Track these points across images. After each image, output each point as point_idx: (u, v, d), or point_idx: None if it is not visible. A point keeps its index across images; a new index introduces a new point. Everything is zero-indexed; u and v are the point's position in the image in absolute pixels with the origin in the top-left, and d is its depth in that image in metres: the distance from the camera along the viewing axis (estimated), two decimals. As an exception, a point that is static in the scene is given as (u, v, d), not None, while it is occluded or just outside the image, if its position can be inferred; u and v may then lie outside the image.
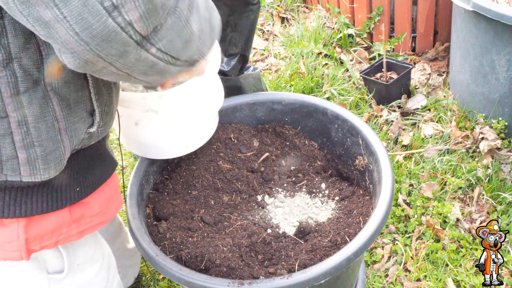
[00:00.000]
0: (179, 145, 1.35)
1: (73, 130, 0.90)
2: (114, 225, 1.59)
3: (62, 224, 0.97)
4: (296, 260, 1.18)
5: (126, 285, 1.73)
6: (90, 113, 0.94)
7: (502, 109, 2.14)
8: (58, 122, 0.87)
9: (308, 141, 1.58)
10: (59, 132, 0.88)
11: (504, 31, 1.92)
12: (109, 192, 1.09)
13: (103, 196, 1.06)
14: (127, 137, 1.35)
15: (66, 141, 0.90)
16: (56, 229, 0.97)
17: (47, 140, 0.86)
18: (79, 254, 1.08)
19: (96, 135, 0.99)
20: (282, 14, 3.40)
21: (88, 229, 1.03)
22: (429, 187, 2.00)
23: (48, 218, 0.95)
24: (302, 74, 2.78)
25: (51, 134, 0.87)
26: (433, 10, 2.67)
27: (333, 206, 1.39)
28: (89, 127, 0.95)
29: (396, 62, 2.49)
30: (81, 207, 1.01)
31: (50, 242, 0.97)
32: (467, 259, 1.74)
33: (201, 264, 1.18)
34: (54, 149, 0.88)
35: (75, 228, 1.00)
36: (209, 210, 1.36)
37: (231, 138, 1.53)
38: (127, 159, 2.43)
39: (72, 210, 0.99)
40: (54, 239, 0.97)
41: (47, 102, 0.84)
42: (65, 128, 0.88)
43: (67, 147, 0.91)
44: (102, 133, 1.01)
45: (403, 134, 2.29)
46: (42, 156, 0.87)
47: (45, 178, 0.89)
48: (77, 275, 1.08)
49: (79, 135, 0.92)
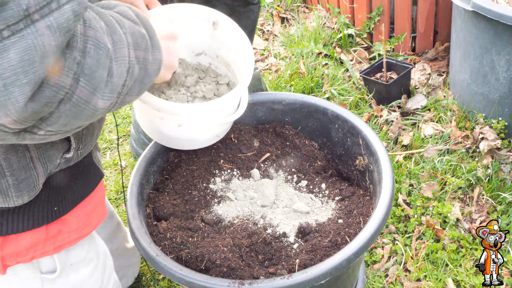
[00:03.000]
0: (213, 137, 1.39)
1: (46, 157, 0.88)
2: (113, 224, 1.58)
3: (38, 241, 0.96)
4: (296, 260, 1.18)
5: (126, 285, 1.73)
6: (65, 139, 0.91)
7: (502, 109, 2.14)
8: (29, 152, 0.85)
9: (308, 141, 1.58)
10: (31, 160, 0.86)
11: (504, 31, 1.92)
12: (90, 206, 1.06)
13: (83, 211, 1.04)
14: (159, 132, 1.34)
15: (40, 168, 0.88)
16: (32, 246, 0.96)
17: (18, 169, 0.84)
18: (72, 255, 1.07)
19: (76, 158, 0.96)
20: (282, 14, 3.40)
21: (66, 244, 1.01)
22: (429, 187, 2.00)
23: (24, 236, 0.94)
24: (302, 74, 2.78)
25: (23, 163, 0.84)
26: (433, 10, 2.67)
27: (333, 206, 1.39)
28: (65, 153, 0.92)
29: (396, 62, 2.49)
30: (58, 224, 0.99)
31: (25, 257, 0.96)
32: (467, 259, 1.74)
33: (201, 264, 1.18)
34: (27, 177, 0.86)
35: (52, 244, 0.99)
36: (209, 210, 1.36)
37: (231, 138, 1.53)
38: (127, 159, 2.43)
39: (48, 228, 0.97)
40: (30, 255, 0.96)
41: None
42: (37, 156, 0.86)
43: (41, 174, 0.89)
44: (82, 155, 0.98)
45: (403, 134, 2.29)
46: (14, 185, 0.85)
47: (18, 204, 0.88)
48: (71, 274, 1.08)
49: (53, 161, 0.90)
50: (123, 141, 2.59)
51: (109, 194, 2.27)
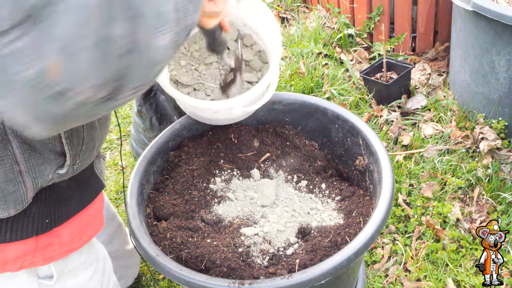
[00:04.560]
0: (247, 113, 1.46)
1: (37, 172, 0.86)
2: (113, 226, 1.58)
3: (27, 252, 0.94)
4: (296, 260, 1.18)
5: (125, 286, 1.73)
6: (59, 154, 0.89)
7: (502, 109, 2.14)
8: (18, 165, 0.83)
9: (308, 141, 1.58)
10: (20, 174, 0.84)
11: (504, 31, 1.92)
12: (86, 218, 1.03)
13: (77, 224, 1.01)
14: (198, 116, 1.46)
15: (29, 182, 0.86)
16: (20, 256, 0.94)
17: (5, 182, 0.83)
18: (70, 261, 1.05)
19: (71, 172, 0.94)
20: (282, 14, 3.40)
21: (55, 256, 0.99)
22: (429, 187, 2.00)
23: (12, 246, 0.92)
24: (302, 74, 2.78)
25: (10, 177, 0.83)
26: (433, 10, 2.67)
27: (333, 206, 1.39)
28: (58, 169, 0.90)
29: (396, 62, 2.49)
30: (49, 236, 0.96)
31: (13, 267, 0.94)
32: (467, 259, 1.74)
33: (201, 264, 1.18)
34: (14, 191, 0.84)
35: (40, 255, 0.96)
36: (209, 210, 1.36)
37: (231, 138, 1.53)
38: (127, 159, 2.43)
39: (38, 239, 0.95)
40: (18, 264, 0.95)
41: (5, 146, 0.80)
42: (26, 170, 0.84)
43: (30, 188, 0.87)
44: (78, 169, 0.95)
45: (403, 134, 2.29)
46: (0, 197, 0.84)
47: (4, 216, 0.87)
48: (69, 280, 1.06)
49: (44, 176, 0.88)
50: (123, 141, 2.59)
51: (109, 194, 2.27)
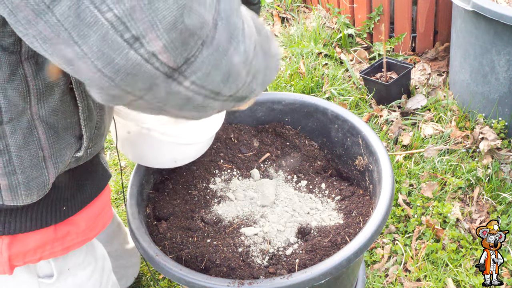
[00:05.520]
0: (167, 160, 1.31)
1: (58, 157, 0.88)
2: (113, 226, 1.58)
3: (46, 241, 0.96)
4: (296, 260, 1.18)
5: (125, 285, 1.73)
6: (78, 138, 0.91)
7: (502, 109, 2.14)
8: (42, 151, 0.84)
9: (308, 141, 1.58)
10: (43, 159, 0.86)
11: (504, 31, 1.92)
12: (99, 207, 1.06)
13: (91, 212, 1.03)
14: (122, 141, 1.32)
15: (51, 167, 0.88)
16: (40, 246, 0.95)
17: (30, 167, 0.84)
18: (69, 260, 1.06)
19: (85, 157, 0.96)
20: (282, 14, 3.40)
21: (73, 245, 1.01)
22: (429, 187, 2.00)
23: (32, 236, 0.93)
24: (302, 74, 2.78)
25: (34, 162, 0.84)
26: (433, 10, 2.67)
27: (333, 206, 1.39)
28: (76, 152, 0.92)
29: (396, 62, 2.49)
30: (67, 225, 0.98)
31: (33, 258, 0.96)
32: (467, 259, 1.74)
33: (201, 264, 1.18)
34: (37, 176, 0.86)
35: (60, 245, 0.98)
36: (209, 210, 1.36)
37: (231, 138, 1.53)
38: (127, 159, 2.43)
39: (57, 228, 0.97)
40: (38, 255, 0.96)
41: (31, 132, 0.82)
42: (50, 156, 0.86)
43: (52, 173, 0.88)
44: (91, 154, 0.98)
45: (403, 134, 2.29)
46: (24, 183, 0.85)
47: (27, 202, 0.88)
48: (68, 278, 1.07)
49: (65, 161, 0.90)
50: (123, 141, 2.58)
51: (109, 194, 2.27)
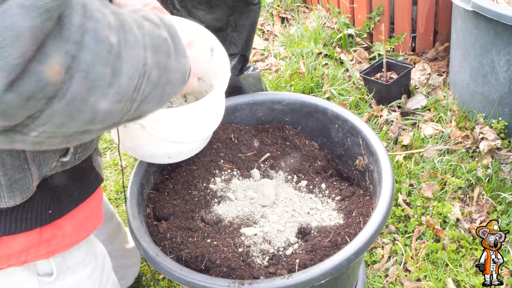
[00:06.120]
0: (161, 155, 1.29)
1: (42, 160, 0.86)
2: (113, 226, 1.58)
3: (31, 244, 0.94)
4: (296, 260, 1.18)
5: (126, 285, 1.73)
6: None
7: (502, 109, 2.14)
8: (24, 152, 0.83)
9: (308, 141, 1.58)
10: (26, 161, 0.84)
11: (504, 31, 1.92)
12: (87, 211, 1.04)
13: (79, 216, 1.01)
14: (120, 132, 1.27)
15: (34, 170, 0.86)
16: (25, 249, 0.94)
17: (12, 169, 0.82)
18: (69, 258, 1.06)
19: (72, 162, 0.94)
20: (282, 14, 3.40)
21: (59, 249, 0.99)
22: (429, 187, 2.00)
23: (17, 238, 0.92)
24: (302, 74, 2.78)
25: (16, 164, 0.83)
26: (433, 10, 2.67)
27: (333, 206, 1.39)
28: (61, 157, 0.90)
29: (396, 62, 2.49)
30: (53, 228, 0.97)
31: (17, 261, 0.94)
32: (467, 259, 1.74)
33: (201, 264, 1.18)
34: (20, 178, 0.84)
35: (45, 248, 0.97)
36: (209, 210, 1.36)
37: (231, 138, 1.53)
38: (127, 159, 2.43)
39: (42, 231, 0.95)
40: (23, 258, 0.95)
41: None
42: (32, 158, 0.84)
43: (35, 176, 0.87)
44: (80, 159, 0.96)
45: (403, 134, 2.29)
46: (6, 185, 0.84)
47: (10, 205, 0.86)
48: (68, 277, 1.07)
49: (49, 164, 0.88)
50: (123, 141, 2.58)
51: (109, 194, 2.27)
